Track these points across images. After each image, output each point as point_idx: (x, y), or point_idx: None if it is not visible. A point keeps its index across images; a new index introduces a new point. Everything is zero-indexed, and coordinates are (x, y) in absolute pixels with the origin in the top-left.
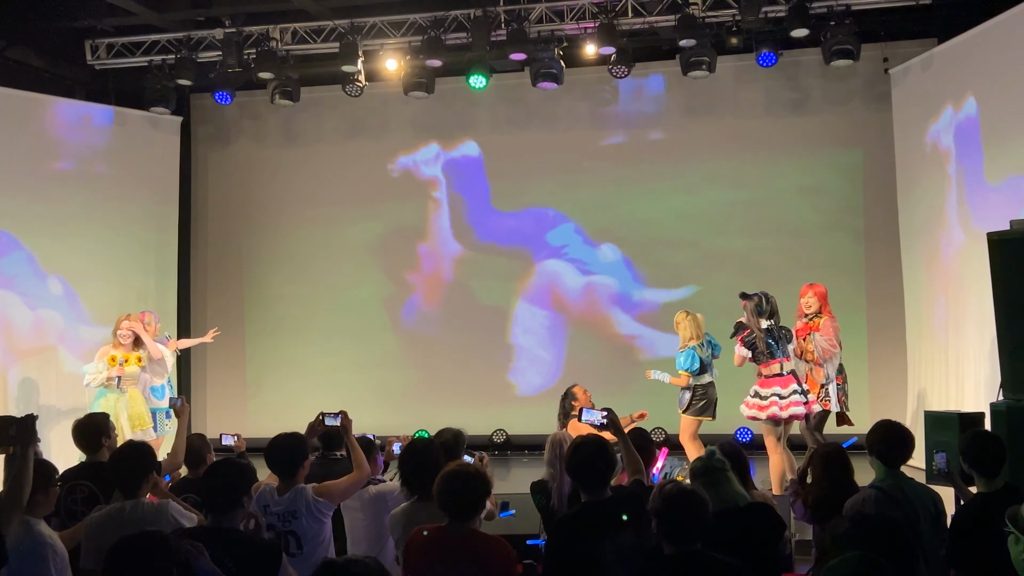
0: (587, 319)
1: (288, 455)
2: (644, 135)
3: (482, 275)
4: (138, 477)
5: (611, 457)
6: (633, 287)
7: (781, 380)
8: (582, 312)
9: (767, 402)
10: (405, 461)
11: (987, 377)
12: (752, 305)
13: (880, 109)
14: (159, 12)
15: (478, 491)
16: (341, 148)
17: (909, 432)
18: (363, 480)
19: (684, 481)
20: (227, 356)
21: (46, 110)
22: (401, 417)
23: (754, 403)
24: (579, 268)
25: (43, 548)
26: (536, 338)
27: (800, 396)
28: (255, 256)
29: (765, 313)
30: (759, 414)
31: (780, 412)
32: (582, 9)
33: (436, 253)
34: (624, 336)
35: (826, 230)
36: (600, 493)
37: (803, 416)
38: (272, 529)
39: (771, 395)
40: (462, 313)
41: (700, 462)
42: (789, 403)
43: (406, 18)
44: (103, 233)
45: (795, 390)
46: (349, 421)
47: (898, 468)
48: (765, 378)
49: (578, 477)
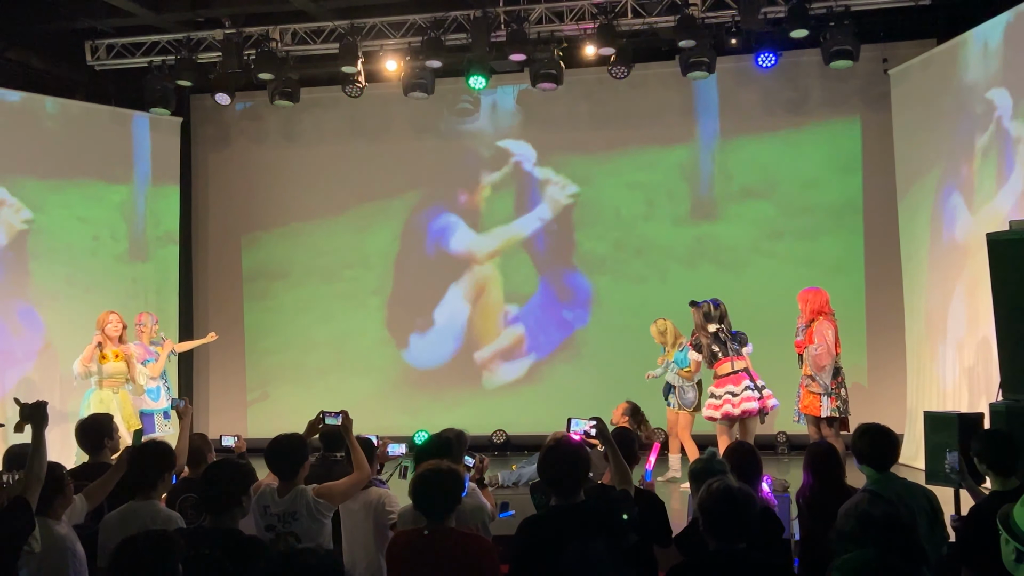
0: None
1: (288, 456)
2: (644, 134)
3: (483, 275)
4: (153, 477)
5: (584, 460)
6: (631, 287)
7: (733, 378)
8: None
9: (720, 400)
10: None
11: (987, 377)
12: (700, 313)
13: (880, 109)
14: (159, 13)
15: (451, 489)
16: (341, 149)
17: (893, 433)
18: (363, 481)
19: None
20: (227, 357)
21: (46, 111)
22: (401, 418)
23: (710, 403)
24: (578, 268)
25: (63, 550)
26: (537, 337)
27: (753, 392)
28: (255, 257)
29: (714, 319)
30: (714, 413)
31: (733, 409)
32: (582, 10)
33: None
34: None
35: (826, 230)
36: (571, 497)
37: (756, 411)
38: (272, 530)
39: (724, 393)
40: (462, 313)
41: (701, 464)
42: (742, 399)
43: (406, 19)
44: (103, 234)
45: (747, 386)
46: (350, 421)
47: (887, 470)
48: (718, 378)
49: (549, 480)
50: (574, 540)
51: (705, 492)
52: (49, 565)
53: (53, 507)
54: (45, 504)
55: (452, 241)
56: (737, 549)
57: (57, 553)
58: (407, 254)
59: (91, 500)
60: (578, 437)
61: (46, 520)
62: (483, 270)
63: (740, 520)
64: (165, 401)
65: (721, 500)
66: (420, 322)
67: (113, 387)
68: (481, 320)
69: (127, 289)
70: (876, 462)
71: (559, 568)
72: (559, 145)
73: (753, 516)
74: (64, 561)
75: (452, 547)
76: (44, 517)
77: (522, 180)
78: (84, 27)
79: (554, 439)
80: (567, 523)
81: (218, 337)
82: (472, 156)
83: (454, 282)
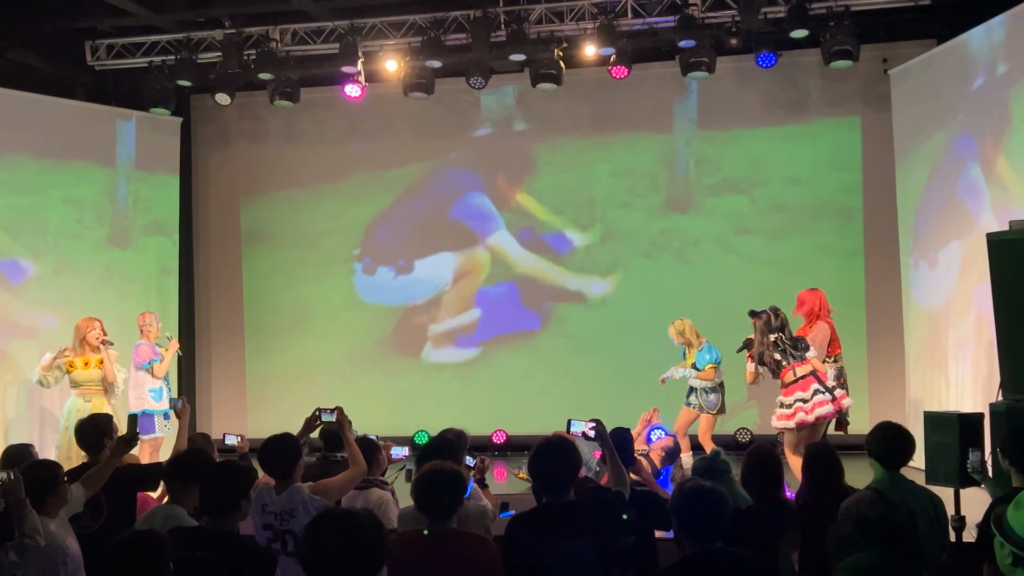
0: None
1: (281, 457)
2: (643, 134)
3: (483, 275)
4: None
5: (574, 459)
6: (629, 287)
7: (800, 384)
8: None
9: (791, 409)
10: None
11: (987, 377)
12: (761, 323)
13: (880, 110)
14: (159, 13)
15: (453, 490)
16: (341, 149)
17: (909, 434)
18: (359, 477)
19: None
20: (228, 357)
21: (46, 111)
22: (401, 418)
23: (781, 413)
24: (577, 269)
25: (54, 548)
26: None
27: (824, 395)
28: (256, 257)
29: (775, 329)
30: (787, 423)
31: (807, 416)
32: (581, 10)
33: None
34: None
35: (825, 230)
36: (560, 496)
37: (834, 414)
38: (270, 528)
39: (795, 402)
40: (462, 313)
41: (704, 463)
42: (814, 404)
43: (406, 19)
44: (103, 235)
45: (817, 390)
46: (345, 417)
47: (897, 470)
48: (785, 387)
49: (538, 478)
50: (562, 538)
51: (676, 493)
52: (40, 562)
53: (46, 505)
54: (38, 502)
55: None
56: (713, 549)
57: (49, 551)
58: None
59: (88, 488)
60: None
61: (40, 518)
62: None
63: (712, 520)
64: (167, 402)
65: (692, 500)
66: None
67: (86, 395)
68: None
69: (127, 290)
70: (883, 458)
71: (545, 566)
72: (557, 140)
73: (727, 514)
74: (55, 559)
75: (453, 548)
76: (39, 515)
77: (519, 180)
78: (84, 27)
79: (545, 438)
80: (555, 521)
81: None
82: (472, 156)
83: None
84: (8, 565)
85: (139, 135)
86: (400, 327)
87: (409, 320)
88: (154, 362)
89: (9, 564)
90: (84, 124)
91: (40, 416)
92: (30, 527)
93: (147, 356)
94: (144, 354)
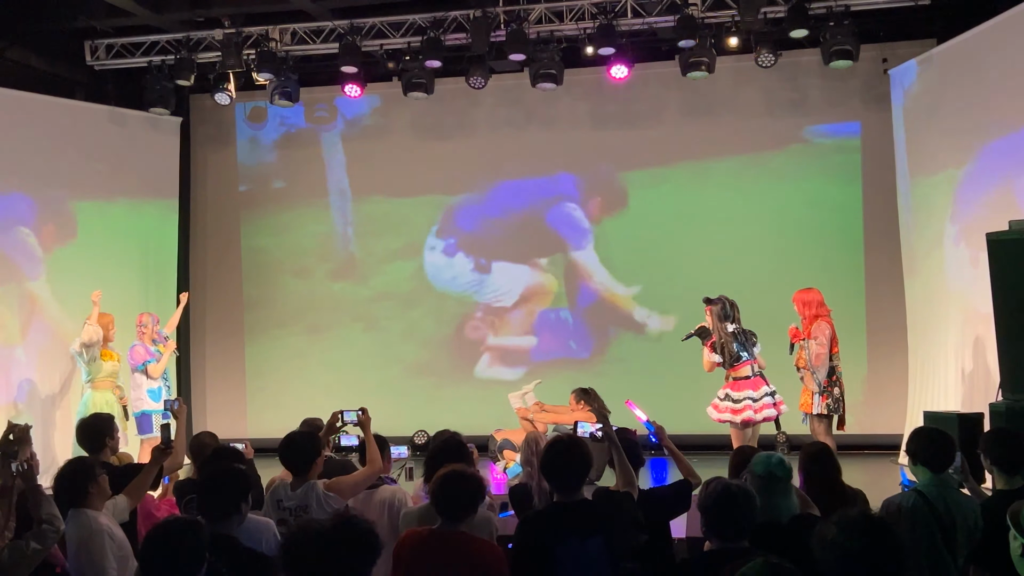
0: (589, 318)
1: (302, 453)
2: (643, 135)
3: (483, 275)
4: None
5: (586, 457)
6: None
7: (752, 383)
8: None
9: (740, 405)
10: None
11: (986, 377)
12: (717, 309)
13: (880, 109)
14: (158, 13)
15: (474, 494)
16: (345, 146)
17: (951, 436)
18: (374, 475)
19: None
20: (227, 357)
21: (46, 111)
22: (402, 418)
23: (726, 406)
24: (577, 269)
25: (100, 536)
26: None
27: (771, 398)
28: (255, 256)
29: (730, 317)
30: (733, 417)
31: (755, 415)
32: (581, 10)
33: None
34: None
35: (825, 231)
36: (573, 494)
37: (773, 418)
38: (284, 524)
39: (744, 399)
40: (463, 313)
41: (762, 467)
42: (762, 406)
43: (405, 19)
44: (102, 234)
45: (766, 392)
46: (368, 418)
47: (943, 472)
48: (735, 381)
49: (551, 477)
50: (573, 537)
51: (704, 491)
52: (87, 552)
53: (90, 497)
54: (81, 495)
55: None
56: (739, 547)
57: (95, 540)
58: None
59: (132, 498)
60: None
61: (84, 510)
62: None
63: (740, 519)
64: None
65: (720, 499)
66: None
67: (107, 388)
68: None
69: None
70: (930, 462)
71: (556, 564)
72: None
73: (755, 514)
74: (102, 547)
75: (462, 550)
76: (82, 508)
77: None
78: (84, 27)
79: (556, 436)
80: (566, 520)
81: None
82: (474, 152)
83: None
84: (32, 553)
85: (138, 134)
86: (401, 326)
87: (409, 319)
88: (149, 363)
89: (33, 552)
90: (84, 124)
91: (44, 415)
92: (47, 512)
93: (142, 357)
94: (139, 355)
